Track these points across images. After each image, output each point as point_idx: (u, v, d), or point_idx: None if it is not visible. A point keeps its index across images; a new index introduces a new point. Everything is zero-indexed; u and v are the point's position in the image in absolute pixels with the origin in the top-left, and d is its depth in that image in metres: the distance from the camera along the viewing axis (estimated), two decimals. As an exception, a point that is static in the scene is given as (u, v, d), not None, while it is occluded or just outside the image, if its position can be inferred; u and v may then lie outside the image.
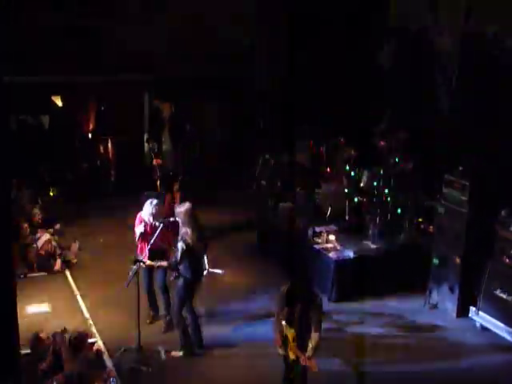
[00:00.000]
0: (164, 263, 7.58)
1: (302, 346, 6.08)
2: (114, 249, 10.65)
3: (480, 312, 8.24)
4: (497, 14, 9.44)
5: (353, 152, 9.98)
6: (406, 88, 11.42)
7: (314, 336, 6.04)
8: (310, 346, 6.03)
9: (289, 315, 6.13)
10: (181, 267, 7.40)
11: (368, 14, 12.09)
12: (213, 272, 8.76)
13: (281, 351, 6.26)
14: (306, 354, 6.01)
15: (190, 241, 7.34)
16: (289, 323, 6.11)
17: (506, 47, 9.28)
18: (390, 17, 11.89)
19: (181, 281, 7.49)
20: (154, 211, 7.97)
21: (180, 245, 7.32)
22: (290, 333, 6.09)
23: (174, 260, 7.42)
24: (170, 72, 14.62)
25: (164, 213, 8.67)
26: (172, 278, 7.74)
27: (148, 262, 7.59)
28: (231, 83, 15.04)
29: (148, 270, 8.06)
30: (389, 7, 11.90)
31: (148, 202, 8.09)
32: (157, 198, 8.34)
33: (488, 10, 9.60)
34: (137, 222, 8.09)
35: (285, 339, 6.15)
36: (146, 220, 7.99)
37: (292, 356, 6.15)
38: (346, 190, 9.91)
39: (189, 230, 7.39)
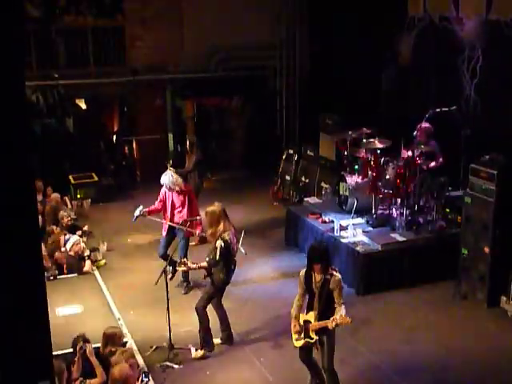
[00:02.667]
0: (204, 264, 7.54)
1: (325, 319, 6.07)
2: (142, 248, 10.77)
3: (511, 301, 8.16)
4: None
5: (377, 143, 9.88)
6: (431, 78, 11.35)
7: (339, 309, 6.01)
8: (337, 315, 5.95)
9: (308, 297, 6.22)
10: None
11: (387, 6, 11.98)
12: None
13: (297, 342, 6.29)
14: (334, 318, 5.94)
15: (227, 237, 7.37)
16: (309, 305, 6.18)
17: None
18: (409, 6, 11.76)
19: (214, 278, 7.51)
20: (171, 179, 8.94)
21: (219, 243, 7.31)
22: (310, 315, 6.14)
23: (212, 259, 7.39)
24: (190, 71, 14.71)
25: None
26: (203, 278, 7.73)
27: (186, 265, 7.63)
28: (252, 81, 15.07)
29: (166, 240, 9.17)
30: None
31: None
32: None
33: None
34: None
35: (305, 324, 6.19)
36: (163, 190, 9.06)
37: (314, 337, 6.15)
38: (372, 183, 9.83)
39: (223, 228, 7.40)
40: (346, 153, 10.65)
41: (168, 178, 9.05)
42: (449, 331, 8.02)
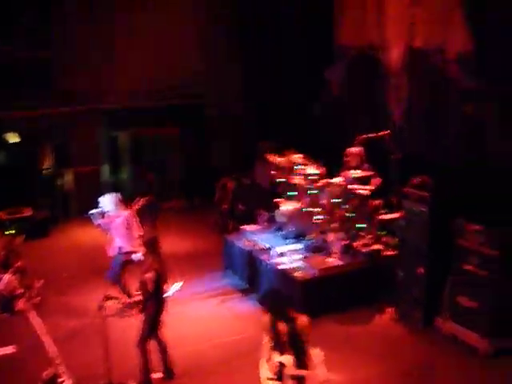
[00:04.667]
0: (139, 298, 7.43)
1: (302, 367, 5.86)
2: (79, 282, 10.55)
3: (445, 320, 8.35)
4: (439, 29, 9.69)
5: (312, 169, 10.05)
6: (361, 105, 11.65)
7: (314, 352, 5.87)
8: (315, 361, 5.83)
9: (277, 342, 5.97)
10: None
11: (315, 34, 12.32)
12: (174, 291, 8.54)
13: (268, 382, 5.92)
14: (314, 371, 5.81)
15: (159, 270, 7.32)
16: (280, 351, 5.91)
17: (448, 59, 9.52)
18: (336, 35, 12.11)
19: (149, 311, 7.42)
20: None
21: (150, 275, 7.26)
22: (285, 358, 5.86)
23: (146, 292, 7.30)
24: (125, 102, 14.67)
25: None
26: (135, 313, 7.60)
27: (122, 301, 7.53)
28: (187, 110, 15.15)
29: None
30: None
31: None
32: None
33: (431, 25, 9.85)
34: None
35: (280, 366, 5.87)
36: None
37: (289, 382, 5.86)
38: (307, 209, 9.96)
39: (154, 259, 7.38)
40: (281, 180, 10.77)
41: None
42: (386, 351, 8.12)
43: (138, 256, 8.67)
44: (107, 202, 9.12)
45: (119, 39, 14.54)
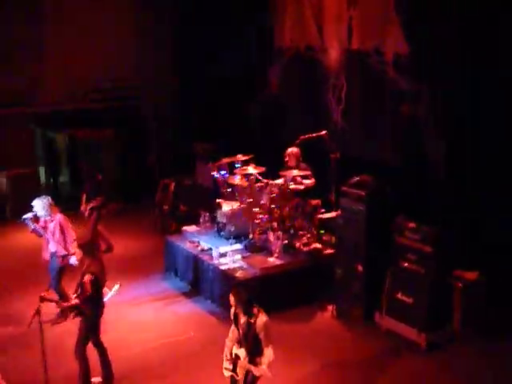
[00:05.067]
0: (76, 301, 7.25)
1: (253, 363, 6.02)
2: (16, 287, 10.26)
3: (384, 315, 8.52)
4: (375, 30, 9.89)
5: (252, 169, 10.09)
6: (301, 105, 11.77)
7: (266, 352, 5.99)
8: (264, 360, 5.96)
9: (238, 334, 6.16)
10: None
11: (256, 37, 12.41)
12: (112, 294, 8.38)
13: (227, 372, 6.19)
14: (259, 366, 5.96)
15: (95, 272, 7.19)
16: (239, 342, 6.12)
17: (385, 61, 9.72)
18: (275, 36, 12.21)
19: (86, 316, 7.28)
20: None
21: (87, 278, 7.12)
22: (241, 351, 6.06)
23: (84, 295, 7.12)
24: (58, 103, 14.47)
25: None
26: (72, 318, 7.43)
27: (59, 304, 7.37)
28: (122, 111, 15.03)
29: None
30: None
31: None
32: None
33: (367, 26, 10.03)
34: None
35: (235, 358, 6.12)
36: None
37: (240, 375, 6.09)
38: (247, 209, 9.99)
39: (92, 262, 7.25)
40: (221, 180, 10.78)
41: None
42: (325, 347, 8.22)
43: (74, 260, 8.50)
44: (38, 206, 8.92)
45: (49, 42, 14.31)
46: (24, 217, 8.93)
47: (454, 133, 8.79)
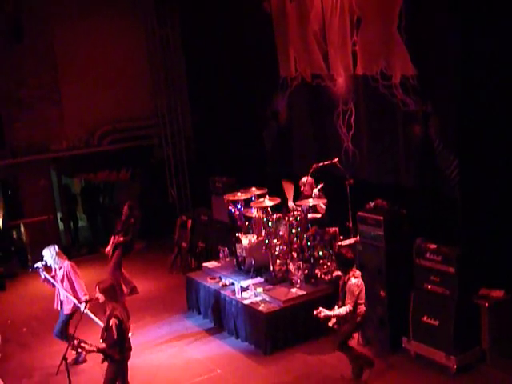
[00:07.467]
0: (103, 346, 7.24)
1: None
2: (39, 336, 10.29)
3: (412, 340, 8.41)
4: (379, 55, 9.92)
5: (267, 201, 10.10)
6: (311, 134, 11.81)
7: (344, 307, 7.67)
8: (337, 311, 7.71)
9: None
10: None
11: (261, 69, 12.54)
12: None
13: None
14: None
15: (120, 316, 7.18)
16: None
17: (393, 83, 9.73)
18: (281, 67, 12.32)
19: (114, 360, 7.24)
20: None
21: (113, 322, 7.10)
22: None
23: (111, 340, 7.13)
24: (74, 147, 14.64)
25: None
26: (101, 362, 7.42)
27: (86, 348, 7.35)
28: (138, 152, 15.17)
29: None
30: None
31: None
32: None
33: (371, 52, 10.07)
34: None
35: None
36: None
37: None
38: (266, 241, 9.97)
39: (115, 305, 7.25)
40: (238, 213, 10.79)
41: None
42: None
43: (83, 307, 8.48)
44: (47, 255, 8.97)
45: (65, 88, 14.51)
46: (35, 265, 8.98)
47: (466, 150, 8.73)
